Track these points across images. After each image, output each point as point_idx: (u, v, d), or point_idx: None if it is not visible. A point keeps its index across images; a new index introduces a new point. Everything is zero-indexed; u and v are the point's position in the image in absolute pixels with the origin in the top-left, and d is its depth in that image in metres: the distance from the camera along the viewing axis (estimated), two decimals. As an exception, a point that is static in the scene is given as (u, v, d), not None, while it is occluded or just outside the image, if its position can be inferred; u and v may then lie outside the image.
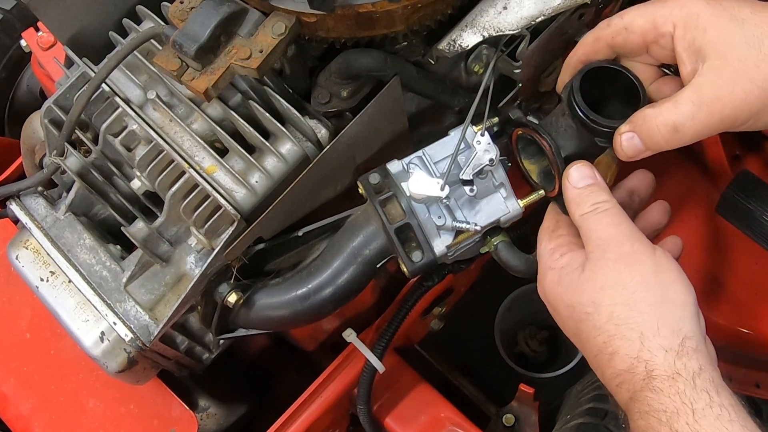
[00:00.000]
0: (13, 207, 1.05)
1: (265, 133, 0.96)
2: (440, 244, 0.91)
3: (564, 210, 0.88)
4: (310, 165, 0.92)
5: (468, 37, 0.92)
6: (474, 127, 0.92)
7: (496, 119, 0.95)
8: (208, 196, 0.93)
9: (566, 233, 0.89)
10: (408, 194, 0.90)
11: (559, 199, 0.89)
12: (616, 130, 0.83)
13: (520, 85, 1.00)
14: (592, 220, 0.83)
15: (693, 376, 0.74)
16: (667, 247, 0.91)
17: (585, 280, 0.81)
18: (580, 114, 0.83)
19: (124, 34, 1.04)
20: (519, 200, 0.93)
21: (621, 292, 0.78)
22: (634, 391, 0.76)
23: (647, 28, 0.83)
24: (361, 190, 0.94)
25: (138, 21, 1.03)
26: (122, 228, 0.99)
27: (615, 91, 0.87)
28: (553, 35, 1.01)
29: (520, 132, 0.91)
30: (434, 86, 0.99)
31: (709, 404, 0.72)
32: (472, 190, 0.91)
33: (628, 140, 0.83)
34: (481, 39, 0.92)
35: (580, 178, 0.85)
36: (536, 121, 0.94)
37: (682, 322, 0.77)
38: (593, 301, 0.80)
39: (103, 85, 0.96)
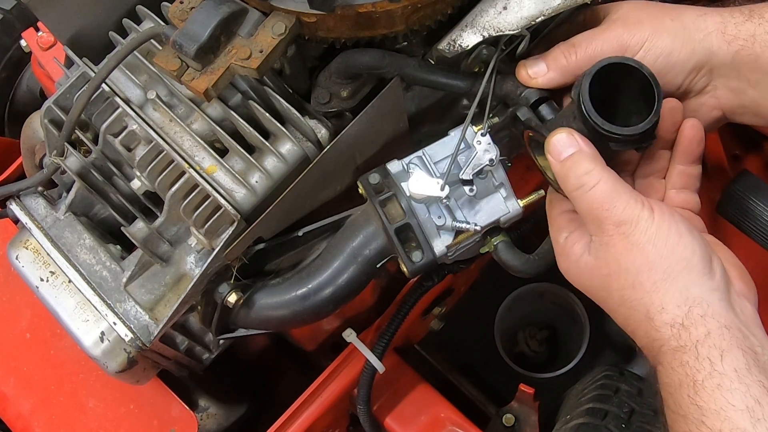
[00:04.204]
0: (13, 207, 1.05)
1: (265, 133, 0.96)
2: (440, 244, 0.91)
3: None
4: (310, 165, 0.92)
5: (468, 37, 0.92)
6: (474, 127, 0.92)
7: (496, 119, 0.94)
8: (208, 196, 0.93)
9: (568, 208, 0.89)
10: (408, 194, 0.90)
11: None
12: (631, 135, 0.81)
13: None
14: (583, 200, 0.81)
15: (696, 344, 0.74)
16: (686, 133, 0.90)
17: (592, 267, 0.82)
18: (592, 122, 0.81)
19: (124, 34, 1.04)
20: (519, 200, 0.93)
21: (626, 277, 0.79)
22: (653, 366, 0.79)
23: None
24: (361, 190, 0.94)
25: (138, 21, 1.03)
26: (122, 228, 0.99)
27: (627, 85, 0.84)
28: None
29: (531, 134, 0.91)
30: (443, 73, 0.96)
31: (710, 373, 0.72)
32: (472, 190, 0.91)
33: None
34: (481, 39, 0.92)
35: (561, 149, 0.83)
36: (550, 115, 0.92)
37: (688, 290, 0.76)
38: (604, 288, 0.81)
39: (103, 85, 0.96)
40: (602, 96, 0.81)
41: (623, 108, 0.86)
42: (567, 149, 0.82)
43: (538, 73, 0.92)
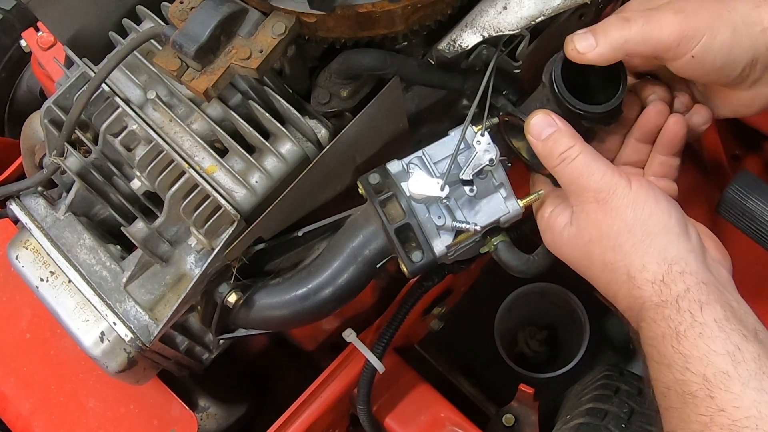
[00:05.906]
0: (13, 207, 1.05)
1: (265, 133, 0.96)
2: (440, 244, 0.91)
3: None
4: (310, 165, 0.92)
5: (468, 37, 0.93)
6: (474, 127, 0.92)
7: (496, 119, 0.95)
8: (208, 196, 0.93)
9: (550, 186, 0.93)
10: (408, 194, 0.90)
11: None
12: (602, 113, 0.86)
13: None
14: (564, 173, 0.85)
15: (677, 298, 0.77)
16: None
17: (575, 236, 0.86)
18: (566, 104, 0.85)
19: (124, 34, 1.04)
20: (519, 200, 0.93)
21: (606, 241, 0.83)
22: (636, 324, 0.82)
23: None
24: (361, 190, 0.94)
25: (138, 21, 1.03)
26: (122, 228, 0.99)
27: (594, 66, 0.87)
28: (553, 35, 1.01)
29: (506, 118, 0.94)
30: (441, 74, 0.98)
31: (691, 324, 0.76)
32: (472, 190, 0.91)
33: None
34: (481, 39, 0.92)
35: (541, 129, 0.87)
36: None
37: (666, 250, 0.80)
38: (586, 255, 0.85)
39: (103, 85, 0.96)
40: (569, 76, 0.86)
41: (589, 86, 0.89)
42: (546, 129, 0.86)
43: (588, 48, 0.86)
